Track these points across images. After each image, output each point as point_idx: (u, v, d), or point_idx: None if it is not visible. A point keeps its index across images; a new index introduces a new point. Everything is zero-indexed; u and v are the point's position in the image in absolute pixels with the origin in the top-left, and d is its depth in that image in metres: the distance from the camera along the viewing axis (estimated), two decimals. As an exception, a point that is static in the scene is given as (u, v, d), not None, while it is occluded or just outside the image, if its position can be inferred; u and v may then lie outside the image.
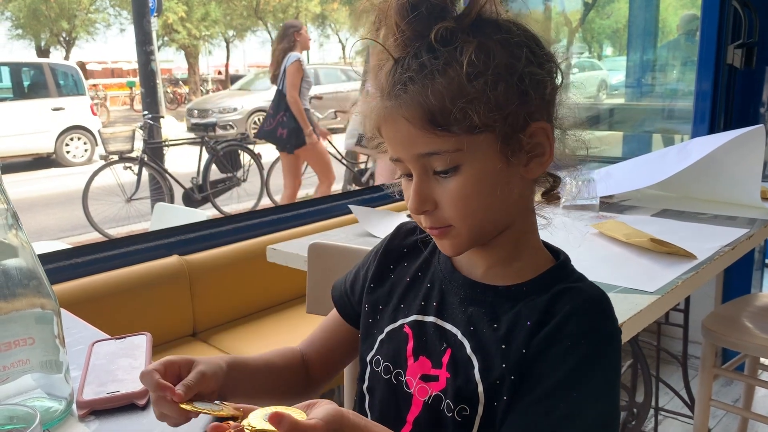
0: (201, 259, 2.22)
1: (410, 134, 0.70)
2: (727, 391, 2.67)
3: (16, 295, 0.82)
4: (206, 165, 6.08)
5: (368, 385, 0.85)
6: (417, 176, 0.72)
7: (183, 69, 23.86)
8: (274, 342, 2.16)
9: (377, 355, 0.84)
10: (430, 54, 0.68)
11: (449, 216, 0.72)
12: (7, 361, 0.82)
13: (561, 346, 0.70)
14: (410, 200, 0.73)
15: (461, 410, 0.74)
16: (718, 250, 1.49)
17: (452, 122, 0.67)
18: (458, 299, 0.79)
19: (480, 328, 0.75)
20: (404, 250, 0.89)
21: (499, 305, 0.75)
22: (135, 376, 0.92)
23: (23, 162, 10.00)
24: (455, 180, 0.71)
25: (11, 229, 0.81)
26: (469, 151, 0.69)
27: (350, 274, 0.95)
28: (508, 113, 0.68)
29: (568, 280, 0.76)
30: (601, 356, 0.71)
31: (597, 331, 0.71)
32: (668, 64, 4.10)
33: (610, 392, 0.71)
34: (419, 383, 0.78)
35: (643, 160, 2.20)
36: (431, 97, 0.67)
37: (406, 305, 0.83)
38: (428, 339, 0.79)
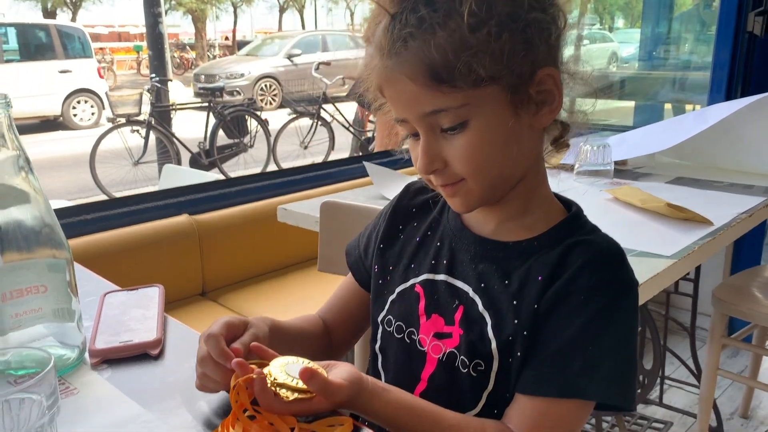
0: (211, 219, 2.21)
1: (414, 93, 0.67)
2: (732, 362, 2.67)
3: (29, 241, 0.81)
4: (213, 130, 6.05)
5: (380, 346, 0.85)
6: (424, 135, 0.70)
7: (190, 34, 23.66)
8: (284, 302, 2.17)
9: (389, 315, 0.83)
10: (429, 7, 0.65)
11: (460, 172, 0.71)
12: (20, 309, 0.82)
13: (574, 300, 0.69)
14: (419, 161, 0.71)
15: (476, 366, 0.74)
16: (735, 216, 1.47)
17: (457, 77, 0.65)
18: (469, 256, 0.78)
19: (491, 284, 0.74)
20: (413, 209, 0.87)
21: (510, 261, 0.74)
22: (148, 326, 0.91)
23: (30, 124, 9.97)
24: (464, 136, 0.68)
25: (21, 172, 0.80)
26: (476, 105, 0.67)
27: (362, 237, 0.93)
28: (514, 63, 0.66)
29: (580, 233, 0.74)
30: (616, 308, 0.70)
31: (611, 283, 0.70)
32: (682, 36, 4.03)
33: (627, 344, 0.71)
34: (433, 341, 0.77)
35: (660, 126, 2.17)
36: (433, 52, 0.64)
37: (416, 265, 0.82)
38: (440, 297, 0.78)
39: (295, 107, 6.77)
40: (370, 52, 0.71)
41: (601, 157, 1.86)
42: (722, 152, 1.96)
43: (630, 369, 0.71)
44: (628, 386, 0.70)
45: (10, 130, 0.78)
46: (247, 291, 2.26)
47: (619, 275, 0.71)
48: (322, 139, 6.70)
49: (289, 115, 6.70)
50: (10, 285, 0.80)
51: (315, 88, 7.07)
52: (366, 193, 1.83)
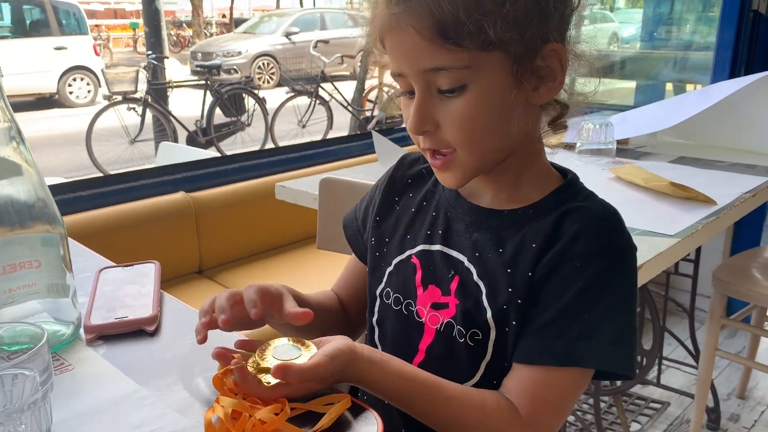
0: (208, 197, 2.19)
1: (417, 46, 0.65)
2: (730, 343, 2.68)
3: (22, 215, 0.79)
4: (210, 108, 6.00)
5: (378, 318, 0.84)
6: (420, 93, 0.68)
7: (187, 11, 23.38)
8: (282, 280, 2.13)
9: (387, 287, 0.82)
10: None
11: (451, 138, 0.69)
12: (13, 284, 0.80)
13: (570, 267, 0.68)
14: (410, 119, 0.69)
15: (473, 335, 0.73)
16: (738, 196, 1.46)
17: (465, 36, 0.63)
18: (463, 226, 0.77)
19: (485, 253, 0.73)
20: (408, 180, 0.86)
21: (505, 230, 0.73)
22: (143, 302, 0.90)
23: (25, 102, 9.88)
24: (461, 100, 0.66)
25: (12, 142, 0.77)
26: (479, 69, 0.65)
27: (359, 210, 0.92)
28: (525, 31, 0.64)
29: (575, 200, 0.73)
30: (613, 273, 0.68)
31: (607, 249, 0.69)
32: (683, 17, 3.98)
33: (625, 309, 0.69)
34: (430, 311, 0.77)
35: (662, 105, 2.15)
36: (444, 5, 0.62)
37: (412, 235, 0.81)
38: (436, 267, 0.77)
39: (293, 86, 6.71)
40: (374, 3, 0.69)
41: (603, 136, 1.83)
42: (725, 131, 1.95)
43: (629, 335, 0.69)
44: (628, 353, 0.69)
45: (2, 102, 0.75)
46: (244, 269, 2.25)
47: (614, 240, 0.70)
48: (320, 118, 6.65)
49: (287, 94, 6.64)
50: (3, 260, 0.78)
51: (313, 66, 7.00)
52: (366, 170, 1.81)
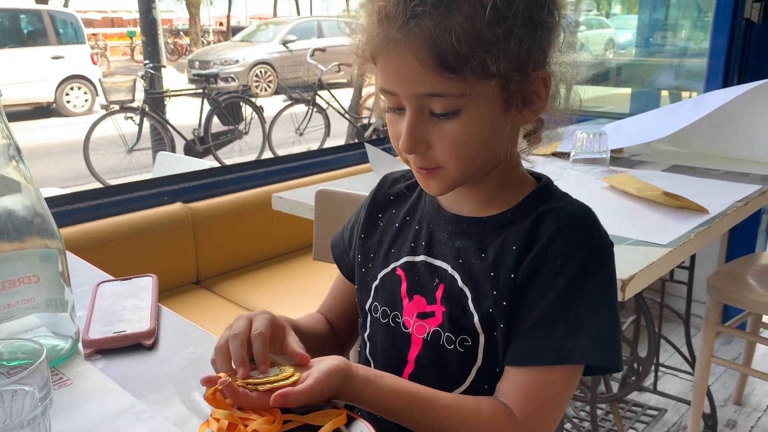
0: (205, 207, 2.20)
1: (415, 72, 0.66)
2: (725, 349, 2.68)
3: (21, 232, 0.80)
4: (208, 117, 6.01)
5: (369, 333, 0.85)
6: (412, 115, 0.69)
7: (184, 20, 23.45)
8: (279, 291, 2.16)
9: (374, 301, 0.83)
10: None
11: (441, 158, 0.70)
12: (12, 299, 0.81)
13: (551, 266, 0.69)
14: (402, 139, 0.70)
15: (463, 341, 0.74)
16: (731, 205, 1.47)
17: (465, 67, 0.64)
18: (446, 235, 0.78)
19: (468, 259, 0.75)
20: (391, 198, 0.88)
21: (486, 235, 0.75)
22: (141, 316, 0.91)
23: (23, 111, 9.89)
24: (453, 123, 0.68)
25: (12, 161, 0.79)
26: (473, 96, 0.67)
27: (345, 230, 0.93)
28: (522, 63, 0.65)
29: (550, 201, 0.75)
30: (593, 270, 0.70)
31: (585, 246, 0.71)
32: (678, 23, 4.01)
33: (607, 303, 0.71)
34: (416, 321, 0.78)
35: (657, 113, 2.16)
36: (447, 36, 0.63)
37: (396, 249, 0.83)
38: (420, 277, 0.79)
39: (291, 94, 6.73)
40: (367, 19, 0.70)
41: (597, 145, 1.85)
42: (718, 140, 1.96)
43: (613, 328, 0.71)
44: (614, 345, 0.71)
45: (0, 120, 0.77)
46: (241, 279, 2.26)
47: (591, 237, 0.72)
48: (317, 125, 6.67)
49: (285, 102, 6.66)
50: (2, 275, 0.79)
51: (310, 74, 7.02)
52: (362, 181, 1.82)
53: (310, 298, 2.03)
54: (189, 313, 0.94)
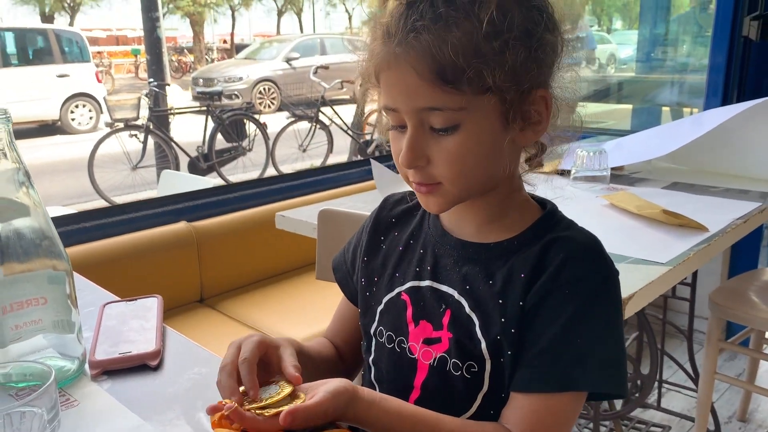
0: (209, 226, 2.22)
1: (415, 85, 0.67)
2: (730, 365, 2.68)
3: (29, 254, 0.82)
4: (212, 134, 6.05)
5: (374, 357, 0.85)
6: (413, 129, 0.70)
7: (188, 37, 23.64)
8: (283, 309, 2.17)
9: (380, 326, 0.83)
10: (448, 4, 0.66)
11: (440, 173, 0.71)
12: (20, 321, 0.82)
13: (559, 295, 0.70)
14: (402, 154, 0.71)
15: (469, 367, 0.74)
16: (730, 222, 1.48)
17: (463, 80, 0.65)
18: (452, 260, 0.78)
19: (476, 285, 0.75)
20: (392, 220, 0.88)
21: (493, 261, 0.75)
22: (147, 337, 0.92)
23: (28, 129, 9.95)
24: (452, 139, 0.69)
25: (22, 187, 0.80)
26: (472, 111, 0.68)
27: (347, 252, 0.93)
28: (520, 79, 0.67)
29: (557, 230, 0.75)
30: (600, 298, 0.71)
31: (593, 275, 0.72)
32: (679, 38, 4.04)
33: (613, 332, 0.72)
34: (423, 347, 0.78)
35: (656, 131, 2.18)
36: (445, 50, 0.64)
37: (401, 273, 0.83)
38: (426, 303, 0.79)
39: (294, 110, 6.77)
40: (371, 38, 0.72)
41: (597, 163, 1.86)
42: (718, 157, 1.97)
43: (619, 356, 0.72)
44: (619, 373, 0.72)
45: (10, 144, 0.79)
46: (245, 298, 2.27)
47: (599, 267, 0.73)
48: (320, 142, 6.70)
49: (288, 119, 6.70)
50: (11, 298, 0.81)
51: (313, 91, 7.06)
52: (364, 199, 1.84)
53: (313, 316, 2.05)
54: (193, 332, 0.95)
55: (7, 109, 0.78)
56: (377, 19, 0.72)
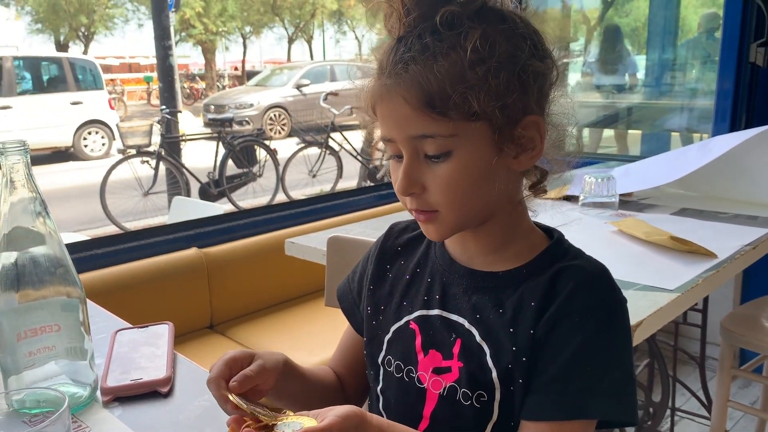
0: (219, 252, 2.24)
1: (406, 114, 0.69)
2: (744, 393, 2.64)
3: (44, 282, 0.83)
4: (223, 160, 6.12)
5: (382, 387, 0.85)
6: (408, 157, 0.72)
7: (200, 64, 23.97)
8: (292, 335, 2.18)
9: (388, 355, 0.84)
10: (434, 36, 0.68)
11: (435, 200, 0.73)
12: (34, 347, 0.84)
13: (569, 323, 0.71)
14: (398, 181, 0.73)
15: (479, 397, 0.75)
16: (739, 249, 1.48)
17: (451, 107, 0.67)
18: (461, 289, 0.79)
19: (486, 314, 0.76)
20: (398, 248, 0.88)
21: (502, 290, 0.76)
22: (157, 364, 0.93)
23: (42, 155, 10.09)
24: (446, 165, 0.71)
25: (39, 217, 0.82)
26: (463, 137, 0.69)
27: (353, 282, 0.93)
28: (506, 103, 0.68)
29: (565, 258, 0.76)
30: (609, 327, 0.72)
31: (602, 305, 0.72)
32: (688, 63, 4.06)
33: (622, 360, 0.73)
34: (432, 377, 0.78)
35: (663, 158, 2.18)
36: (432, 79, 0.67)
37: (408, 302, 0.83)
38: (435, 332, 0.79)
39: (304, 136, 6.84)
40: (370, 75, 0.75)
41: (605, 189, 1.87)
42: (727, 183, 1.97)
43: (628, 383, 0.72)
44: (629, 401, 0.72)
45: (28, 175, 0.81)
46: (254, 324, 2.28)
47: (608, 295, 0.74)
48: (330, 167, 6.76)
49: (298, 145, 6.77)
50: (25, 325, 0.82)
51: (323, 117, 7.14)
52: (374, 225, 1.85)
53: (322, 343, 2.05)
54: (203, 359, 0.96)
55: (25, 140, 0.80)
56: (373, 54, 0.75)
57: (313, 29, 23.93)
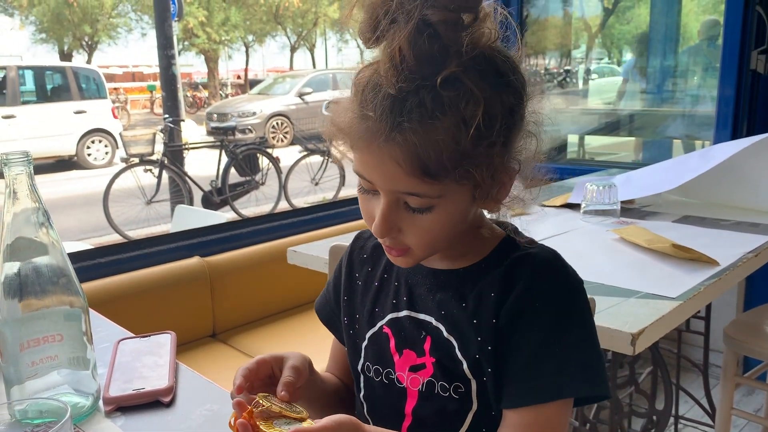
0: (222, 261, 2.24)
1: (395, 174, 0.68)
2: (748, 400, 2.63)
3: (46, 292, 0.84)
4: (225, 168, 6.13)
5: (364, 393, 0.87)
6: (387, 205, 0.72)
7: (203, 73, 24.08)
8: (294, 343, 2.17)
9: (366, 361, 0.86)
10: (434, 102, 0.65)
11: (411, 242, 0.74)
12: (36, 357, 0.84)
13: (530, 311, 0.73)
14: (376, 224, 0.73)
15: (456, 388, 0.77)
16: (741, 256, 1.48)
17: (448, 176, 0.67)
18: (425, 289, 0.82)
19: (450, 310, 0.78)
20: (365, 256, 0.90)
21: (464, 285, 0.79)
22: (160, 373, 0.93)
23: (45, 164, 10.13)
24: (427, 217, 0.71)
25: (42, 227, 0.83)
26: (448, 195, 0.70)
27: (329, 294, 0.95)
28: (496, 168, 0.70)
29: (519, 248, 0.78)
30: (570, 308, 0.74)
31: (558, 288, 0.75)
32: (689, 70, 4.07)
33: (588, 336, 0.75)
34: (410, 375, 0.81)
35: (665, 165, 2.18)
36: (429, 148, 0.65)
37: (380, 308, 0.85)
38: (406, 332, 0.82)
39: (306, 144, 6.86)
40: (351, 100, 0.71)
41: (607, 197, 1.87)
42: (729, 190, 1.97)
43: (597, 359, 0.75)
44: (600, 375, 0.74)
45: (31, 186, 0.81)
46: (257, 332, 2.27)
47: (563, 278, 0.76)
48: (332, 175, 6.77)
49: (300, 153, 6.78)
50: (28, 335, 0.83)
51: (325, 125, 7.15)
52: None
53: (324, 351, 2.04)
54: (205, 368, 0.96)
55: (28, 151, 0.81)
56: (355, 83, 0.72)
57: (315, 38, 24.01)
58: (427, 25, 0.66)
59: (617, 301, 1.21)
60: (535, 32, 3.94)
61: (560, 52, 4.53)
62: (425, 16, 0.65)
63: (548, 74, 4.48)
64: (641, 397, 2.13)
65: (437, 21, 0.66)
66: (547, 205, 2.13)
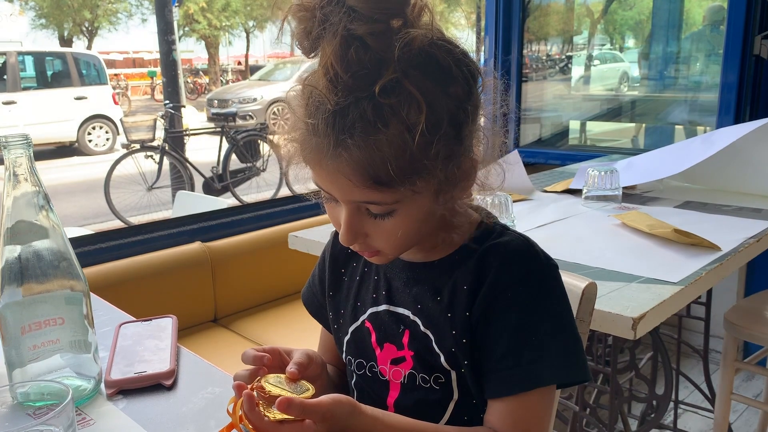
0: (223, 246, 2.24)
1: (347, 186, 0.67)
2: (748, 385, 2.64)
3: (47, 275, 0.84)
4: (226, 154, 6.12)
5: (354, 382, 0.88)
6: (349, 215, 0.71)
7: (203, 59, 23.98)
8: (295, 329, 2.18)
9: (348, 355, 0.87)
10: (376, 113, 0.63)
11: (379, 246, 0.74)
12: (38, 341, 0.84)
13: (503, 300, 0.73)
14: (341, 234, 0.73)
15: (437, 379, 0.78)
16: (743, 241, 1.48)
17: (399, 184, 0.66)
18: (402, 282, 0.82)
19: (426, 304, 0.79)
20: (348, 251, 0.89)
21: (438, 279, 0.79)
22: (161, 357, 0.94)
23: (46, 150, 10.12)
24: (390, 222, 0.71)
25: (42, 210, 0.83)
26: (407, 199, 0.69)
27: (315, 286, 0.94)
28: (452, 171, 0.68)
29: (490, 238, 0.77)
30: (544, 295, 0.74)
31: (531, 274, 0.74)
32: (692, 56, 4.05)
33: (564, 321, 0.75)
34: (391, 368, 0.81)
35: (667, 151, 2.17)
36: (377, 159, 0.64)
37: (362, 302, 0.86)
38: (386, 326, 0.82)
39: (307, 131, 6.82)
40: (300, 105, 0.70)
41: (608, 183, 1.87)
42: (731, 176, 1.97)
43: (575, 344, 0.75)
44: (578, 360, 0.75)
45: (30, 169, 0.81)
46: (258, 317, 2.28)
47: (535, 265, 0.75)
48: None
49: (301, 139, 6.74)
50: (30, 318, 0.83)
51: (326, 111, 7.13)
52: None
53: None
54: (206, 352, 0.96)
55: (27, 134, 0.80)
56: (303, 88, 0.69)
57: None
58: (354, 38, 0.63)
59: (618, 285, 1.21)
60: (537, 18, 3.91)
61: (562, 38, 4.50)
62: (350, 30, 0.63)
63: (550, 60, 4.46)
64: (641, 382, 2.14)
65: (364, 33, 0.63)
66: (549, 190, 2.12)
